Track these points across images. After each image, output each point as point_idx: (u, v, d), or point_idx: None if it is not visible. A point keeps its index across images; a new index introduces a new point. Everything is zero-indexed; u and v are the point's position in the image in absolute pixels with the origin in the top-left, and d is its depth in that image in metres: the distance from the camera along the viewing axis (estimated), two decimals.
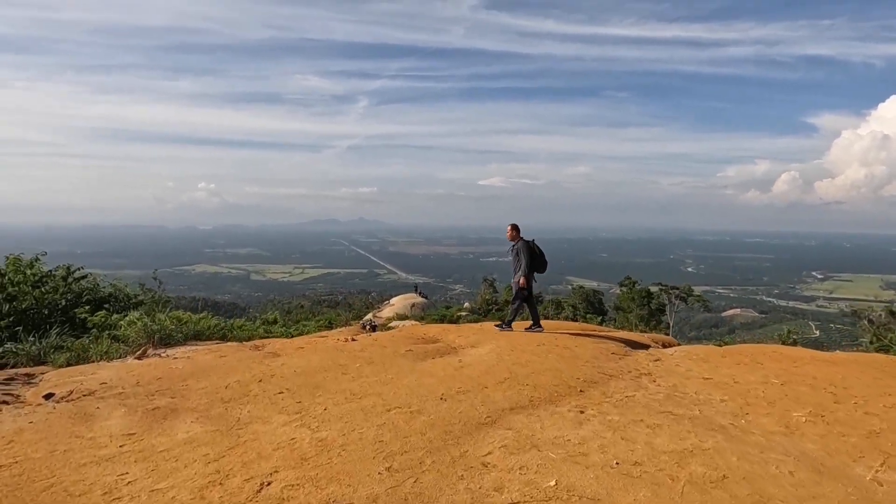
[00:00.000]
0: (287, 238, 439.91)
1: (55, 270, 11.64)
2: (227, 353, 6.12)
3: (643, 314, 52.46)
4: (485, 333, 7.72)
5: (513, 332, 7.71)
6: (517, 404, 4.51)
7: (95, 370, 5.79)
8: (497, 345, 6.69)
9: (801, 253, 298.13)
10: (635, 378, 5.60)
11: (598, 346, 7.02)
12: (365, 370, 5.40)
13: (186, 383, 5.06)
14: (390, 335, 7.22)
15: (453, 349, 6.70)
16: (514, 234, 8.44)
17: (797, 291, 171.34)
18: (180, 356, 6.19)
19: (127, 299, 12.55)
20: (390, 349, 6.30)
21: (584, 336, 7.82)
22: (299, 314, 74.71)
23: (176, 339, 7.51)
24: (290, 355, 6.05)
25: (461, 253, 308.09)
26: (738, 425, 4.19)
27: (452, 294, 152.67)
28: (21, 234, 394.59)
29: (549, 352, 6.36)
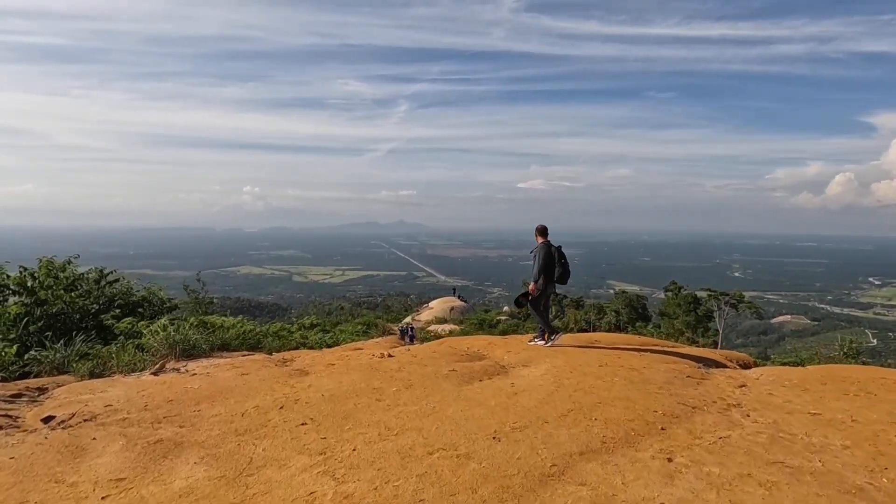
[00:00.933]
0: (328, 240, 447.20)
1: (88, 273, 11.29)
2: (250, 370, 5.47)
3: (689, 321, 50.48)
4: (537, 349, 6.87)
5: (569, 350, 6.81)
6: (587, 447, 3.66)
7: (107, 387, 5.22)
8: (552, 365, 5.84)
9: (856, 258, 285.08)
10: (723, 411, 4.66)
11: (669, 366, 6.08)
12: (402, 396, 4.64)
13: (199, 408, 4.40)
14: (431, 351, 6.46)
15: (502, 368, 5.88)
16: (537, 237, 7.69)
17: (852, 298, 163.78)
18: (200, 372, 5.57)
19: (160, 304, 12.17)
20: (431, 369, 5.52)
21: (648, 352, 6.88)
22: (339, 316, 75.18)
23: (201, 351, 6.95)
24: (319, 374, 5.35)
25: (500, 256, 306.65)
26: (880, 486, 3.24)
27: (491, 297, 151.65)
28: (77, 236, 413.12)
29: (615, 374, 5.47)
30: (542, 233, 7.61)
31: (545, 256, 7.40)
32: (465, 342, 7.72)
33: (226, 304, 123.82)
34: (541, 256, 7.39)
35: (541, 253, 7.42)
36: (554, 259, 7.46)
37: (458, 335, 29.48)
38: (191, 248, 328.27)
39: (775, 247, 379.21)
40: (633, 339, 8.43)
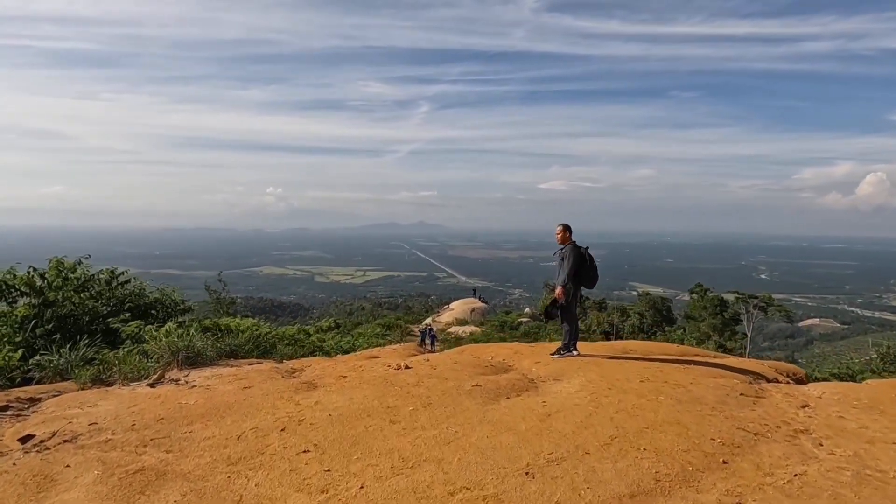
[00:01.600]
0: (349, 241, 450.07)
1: (99, 274, 10.94)
2: (254, 383, 4.96)
3: (716, 324, 49.24)
4: (568, 361, 6.27)
5: (604, 362, 6.18)
6: (639, 487, 3.06)
7: (98, 400, 4.76)
8: (588, 379, 5.22)
9: (888, 260, 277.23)
10: (791, 438, 4.02)
11: (718, 381, 5.42)
12: (420, 418, 4.07)
13: (191, 429, 3.90)
14: (451, 361, 5.89)
15: (531, 383, 5.28)
16: (564, 236, 6.99)
17: (884, 301, 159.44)
18: (200, 384, 5.09)
19: (174, 305, 11.78)
20: (452, 383, 4.95)
21: (691, 365, 6.23)
22: (360, 316, 75.13)
23: (207, 358, 6.50)
24: (329, 388, 4.82)
25: (521, 257, 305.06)
26: None
27: (511, 298, 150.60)
28: (105, 237, 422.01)
29: (660, 392, 4.84)
30: (568, 231, 7.02)
31: (575, 259, 6.79)
32: (488, 350, 7.15)
33: (248, 304, 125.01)
34: (570, 259, 6.77)
35: (570, 255, 6.79)
36: (584, 262, 6.88)
37: (479, 337, 28.85)
38: (214, 248, 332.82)
39: (802, 248, 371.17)
40: (671, 349, 7.77)
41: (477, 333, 31.59)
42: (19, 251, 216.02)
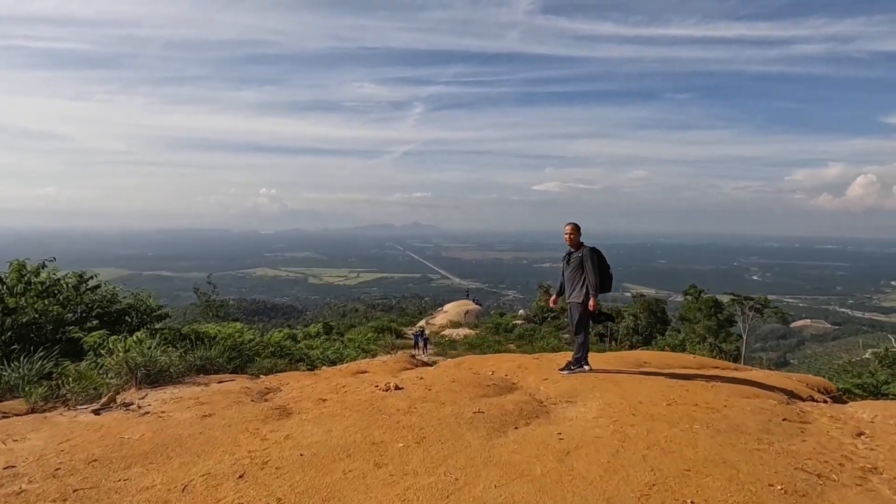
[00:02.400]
0: (344, 242, 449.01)
1: (66, 278, 10.11)
2: (217, 409, 4.20)
3: (711, 325, 48.81)
4: (580, 377, 5.56)
5: (620, 379, 5.44)
6: None
7: (29, 431, 3.98)
8: (605, 402, 4.49)
9: (879, 261, 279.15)
10: (860, 480, 3.31)
11: (753, 403, 4.70)
12: (412, 458, 3.31)
13: (128, 476, 3.14)
14: (449, 379, 5.13)
15: (541, 407, 4.54)
16: (577, 238, 6.34)
17: (874, 302, 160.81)
18: (154, 409, 4.32)
19: (149, 312, 10.95)
20: (450, 409, 4.18)
21: (716, 381, 5.54)
22: (353, 318, 74.26)
23: (173, 374, 5.74)
24: (305, 416, 4.06)
25: (515, 258, 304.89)
26: None
27: (505, 300, 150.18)
28: (100, 238, 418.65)
29: (692, 418, 4.12)
30: (579, 232, 6.37)
31: (600, 263, 6.19)
32: (488, 363, 6.42)
33: (242, 306, 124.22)
34: (593, 263, 6.13)
35: (594, 259, 6.15)
36: (604, 265, 6.25)
37: (474, 340, 28.09)
38: (208, 249, 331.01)
39: (795, 250, 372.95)
40: (688, 360, 7.06)
41: (471, 336, 30.84)
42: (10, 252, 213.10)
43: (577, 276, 6.24)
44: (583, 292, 6.14)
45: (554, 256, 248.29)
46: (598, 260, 6.19)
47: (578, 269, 6.22)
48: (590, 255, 6.17)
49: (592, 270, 6.09)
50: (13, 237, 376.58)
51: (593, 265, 6.11)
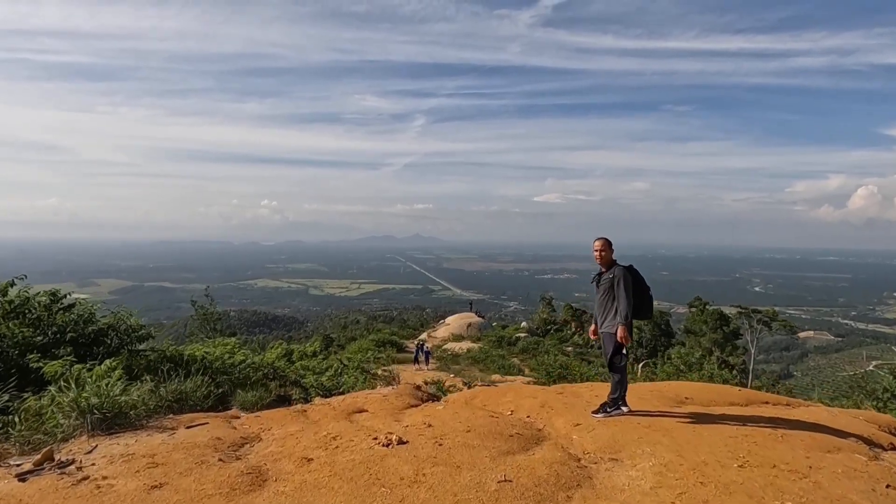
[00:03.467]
0: (345, 254, 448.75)
1: (38, 297, 9.21)
2: (173, 475, 3.34)
3: (717, 338, 47.97)
4: (619, 423, 4.67)
5: (673, 427, 4.48)
6: None
7: None
8: (661, 461, 3.61)
9: (881, 272, 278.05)
10: None
11: (841, 460, 3.82)
12: None
13: None
14: (463, 427, 4.22)
15: (580, 467, 3.66)
16: (609, 255, 5.45)
17: (877, 314, 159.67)
18: (94, 473, 3.46)
19: (130, 333, 10.03)
20: (468, 476, 3.29)
21: (777, 422, 4.68)
22: (354, 330, 73.25)
23: (137, 414, 4.89)
24: (282, 486, 3.18)
25: (516, 270, 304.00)
26: None
27: (507, 311, 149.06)
28: (100, 250, 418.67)
29: (778, 489, 3.22)
30: (611, 248, 5.51)
31: (635, 285, 5.29)
32: (505, 399, 5.56)
33: (243, 318, 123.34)
34: (627, 285, 5.21)
35: (627, 280, 5.23)
36: (642, 287, 5.38)
37: (478, 355, 27.15)
38: (209, 261, 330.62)
39: (796, 261, 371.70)
40: (733, 394, 6.18)
41: (474, 350, 29.91)
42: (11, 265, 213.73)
43: (608, 302, 5.32)
44: (616, 321, 5.19)
45: (555, 268, 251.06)
46: (633, 281, 5.29)
47: (610, 293, 5.31)
48: (622, 277, 5.24)
49: (625, 295, 5.15)
50: (14, 250, 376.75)
51: (626, 288, 5.18)
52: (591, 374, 13.26)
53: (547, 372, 14.40)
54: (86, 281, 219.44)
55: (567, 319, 58.07)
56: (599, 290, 5.40)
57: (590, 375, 13.13)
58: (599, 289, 5.41)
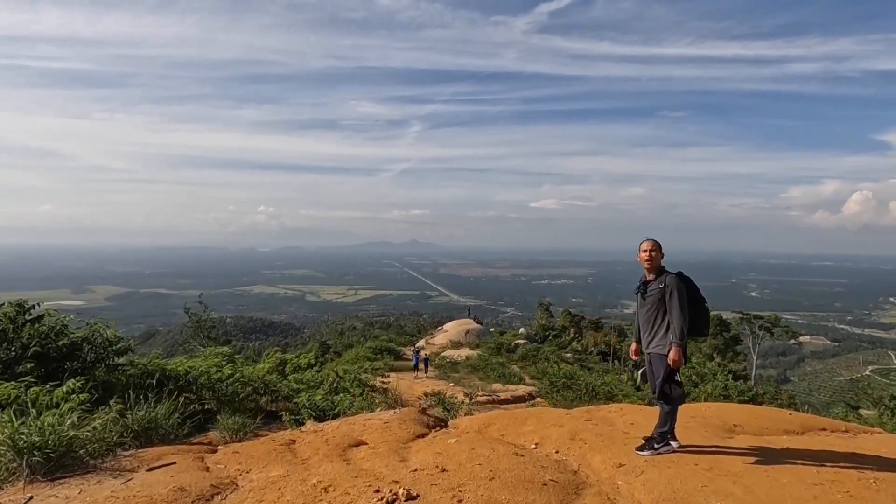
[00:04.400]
0: (342, 260, 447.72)
1: (3, 309, 8.36)
2: None
3: (717, 344, 47.49)
4: (672, 463, 3.83)
5: (737, 468, 3.61)
6: None
7: None
8: None
9: (877, 277, 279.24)
10: None
11: None
12: None
13: None
14: (486, 475, 3.40)
15: None
16: (659, 261, 4.52)
17: (873, 318, 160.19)
18: None
19: (106, 346, 9.16)
20: None
21: (857, 458, 3.91)
22: (351, 337, 72.35)
23: (90, 452, 4.09)
24: None
25: (513, 275, 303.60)
26: None
27: (504, 317, 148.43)
28: (98, 256, 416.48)
29: None
30: (660, 251, 4.60)
31: (689, 295, 4.39)
32: (526, 428, 4.73)
33: (239, 324, 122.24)
34: (684, 298, 4.30)
35: (681, 291, 4.31)
36: (697, 298, 4.45)
37: (477, 363, 26.34)
38: (206, 267, 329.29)
39: (792, 266, 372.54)
40: (784, 419, 5.37)
41: (473, 357, 29.12)
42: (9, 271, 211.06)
43: (658, 316, 4.36)
44: (668, 339, 4.22)
45: (552, 274, 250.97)
46: (688, 291, 4.36)
47: (660, 306, 4.34)
48: (675, 286, 4.28)
49: (679, 309, 4.19)
50: (12, 256, 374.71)
51: (681, 300, 4.23)
52: (598, 384, 12.50)
53: (551, 382, 13.67)
54: (81, 287, 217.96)
55: (565, 325, 57.41)
56: (646, 301, 4.46)
57: (596, 385, 12.37)
58: (646, 300, 4.46)
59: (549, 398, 12.52)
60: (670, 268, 4.55)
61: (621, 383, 20.34)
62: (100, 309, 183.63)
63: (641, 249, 4.54)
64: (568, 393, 11.83)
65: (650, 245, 4.52)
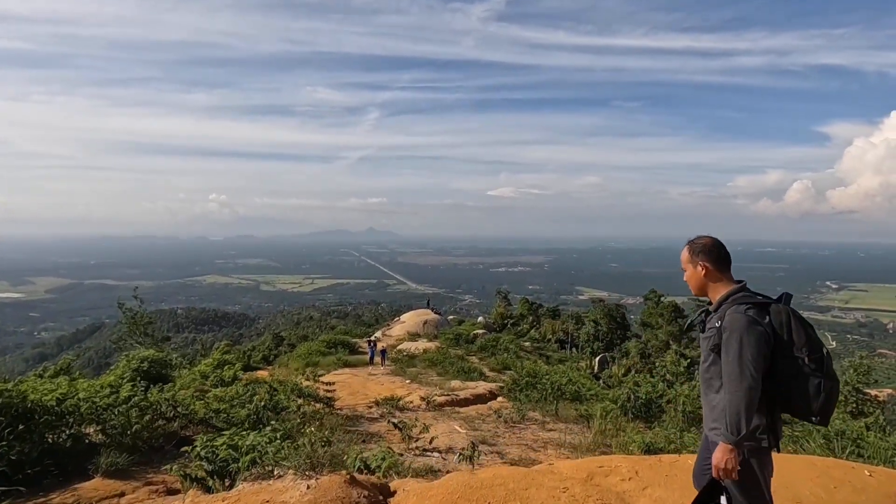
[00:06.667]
0: (297, 249, 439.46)
1: None
2: None
3: (673, 331, 48.03)
4: None
5: None
6: None
7: None
8: None
9: (815, 262, 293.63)
10: None
11: None
12: None
13: None
14: None
15: None
16: (706, 279, 2.75)
17: (811, 302, 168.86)
18: None
19: None
20: None
21: None
22: (307, 328, 70.44)
23: None
24: None
25: (471, 263, 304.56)
26: None
27: (462, 304, 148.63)
28: (38, 246, 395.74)
29: None
30: (715, 260, 2.76)
31: (775, 349, 2.47)
32: (542, 486, 3.67)
33: (190, 315, 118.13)
34: (748, 349, 2.40)
35: (743, 338, 2.42)
36: (784, 349, 2.47)
37: (436, 357, 25.47)
38: (155, 257, 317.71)
39: (738, 252, 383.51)
40: (863, 480, 4.37)
41: (431, 350, 28.26)
42: None
43: (712, 375, 2.60)
44: (718, 425, 2.51)
45: (509, 261, 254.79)
46: (769, 337, 2.45)
47: (715, 360, 2.57)
48: (737, 329, 2.44)
49: (738, 371, 2.39)
50: None
51: (740, 356, 2.40)
52: (564, 383, 11.80)
53: (514, 380, 12.93)
54: (20, 279, 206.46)
55: (523, 313, 57.23)
56: (706, 347, 2.64)
57: (562, 384, 11.66)
58: (706, 346, 2.63)
59: (512, 397, 11.72)
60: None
61: (580, 373, 19.79)
62: (41, 301, 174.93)
63: (682, 261, 2.84)
64: (532, 392, 11.06)
65: (684, 255, 2.81)
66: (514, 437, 7.90)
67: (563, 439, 7.67)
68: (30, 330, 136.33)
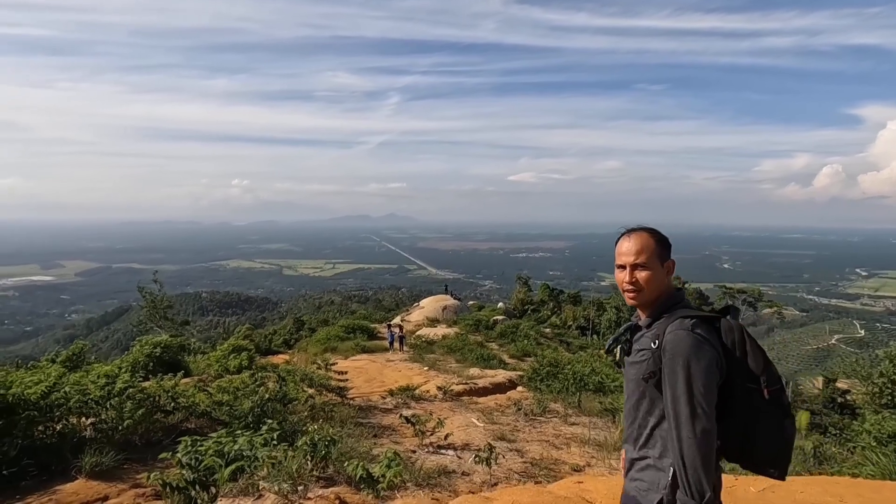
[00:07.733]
0: (319, 234, 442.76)
1: None
2: None
3: None
4: None
5: None
6: None
7: None
8: None
9: (843, 249, 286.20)
10: None
11: None
12: None
13: None
14: None
15: None
16: (658, 283, 1.97)
17: (840, 289, 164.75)
18: None
19: None
20: None
21: None
22: (328, 312, 70.79)
23: None
24: None
25: (491, 248, 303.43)
26: None
27: (482, 290, 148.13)
28: (64, 231, 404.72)
29: None
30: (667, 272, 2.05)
31: (728, 378, 1.80)
32: None
33: (214, 298, 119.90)
34: (698, 382, 1.71)
35: (690, 363, 1.73)
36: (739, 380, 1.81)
37: (454, 343, 25.18)
38: (179, 242, 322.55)
39: (763, 238, 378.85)
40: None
41: (450, 336, 27.98)
42: None
43: (643, 408, 1.90)
44: (658, 479, 1.82)
45: (530, 247, 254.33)
46: (707, 367, 1.75)
47: (645, 390, 1.88)
48: (681, 353, 1.75)
49: (688, 413, 1.70)
50: None
51: (688, 388, 1.72)
52: (587, 373, 11.34)
53: (534, 370, 12.51)
54: (50, 262, 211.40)
55: (544, 299, 56.57)
56: (628, 371, 1.98)
57: (584, 374, 11.21)
58: (631, 367, 1.95)
59: (532, 387, 11.28)
60: None
61: (602, 361, 19.26)
62: (71, 284, 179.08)
63: (618, 254, 2.09)
64: (553, 383, 10.61)
65: (647, 247, 2.03)
66: (535, 432, 7.49)
67: (586, 435, 7.24)
68: (61, 312, 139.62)
